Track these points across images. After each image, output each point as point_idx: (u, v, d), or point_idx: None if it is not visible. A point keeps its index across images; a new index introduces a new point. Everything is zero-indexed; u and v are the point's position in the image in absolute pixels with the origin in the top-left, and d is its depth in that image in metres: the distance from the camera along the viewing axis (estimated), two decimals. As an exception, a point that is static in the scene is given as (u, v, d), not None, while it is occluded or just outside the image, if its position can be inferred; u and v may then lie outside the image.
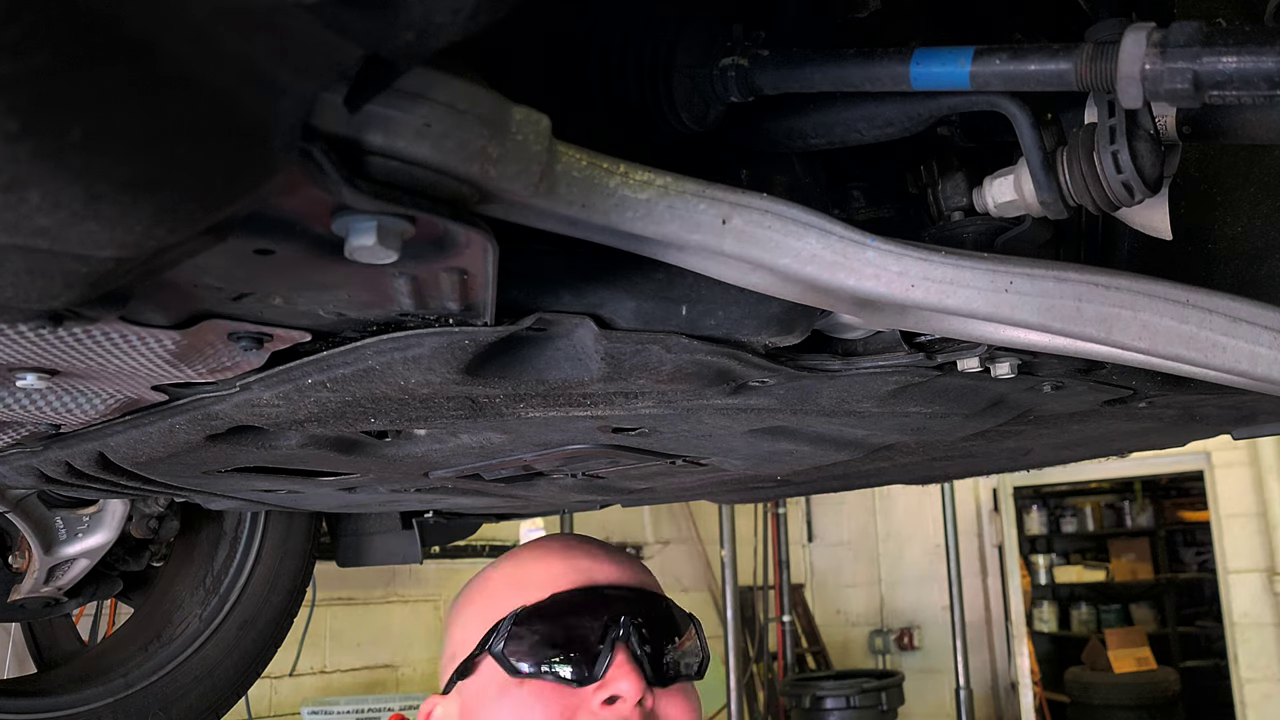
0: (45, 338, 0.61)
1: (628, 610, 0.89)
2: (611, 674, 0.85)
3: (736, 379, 0.83)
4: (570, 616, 0.88)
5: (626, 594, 0.91)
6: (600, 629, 0.87)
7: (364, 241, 0.49)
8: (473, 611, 0.94)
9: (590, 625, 0.87)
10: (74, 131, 0.33)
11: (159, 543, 1.84)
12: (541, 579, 0.91)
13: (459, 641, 0.93)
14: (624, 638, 0.87)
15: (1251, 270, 0.88)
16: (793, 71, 0.62)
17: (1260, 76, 0.52)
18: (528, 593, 0.90)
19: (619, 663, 0.86)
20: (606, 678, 0.85)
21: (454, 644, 0.94)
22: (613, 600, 0.89)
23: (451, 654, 0.94)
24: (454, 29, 0.42)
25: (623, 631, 0.87)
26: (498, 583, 0.94)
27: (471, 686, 0.90)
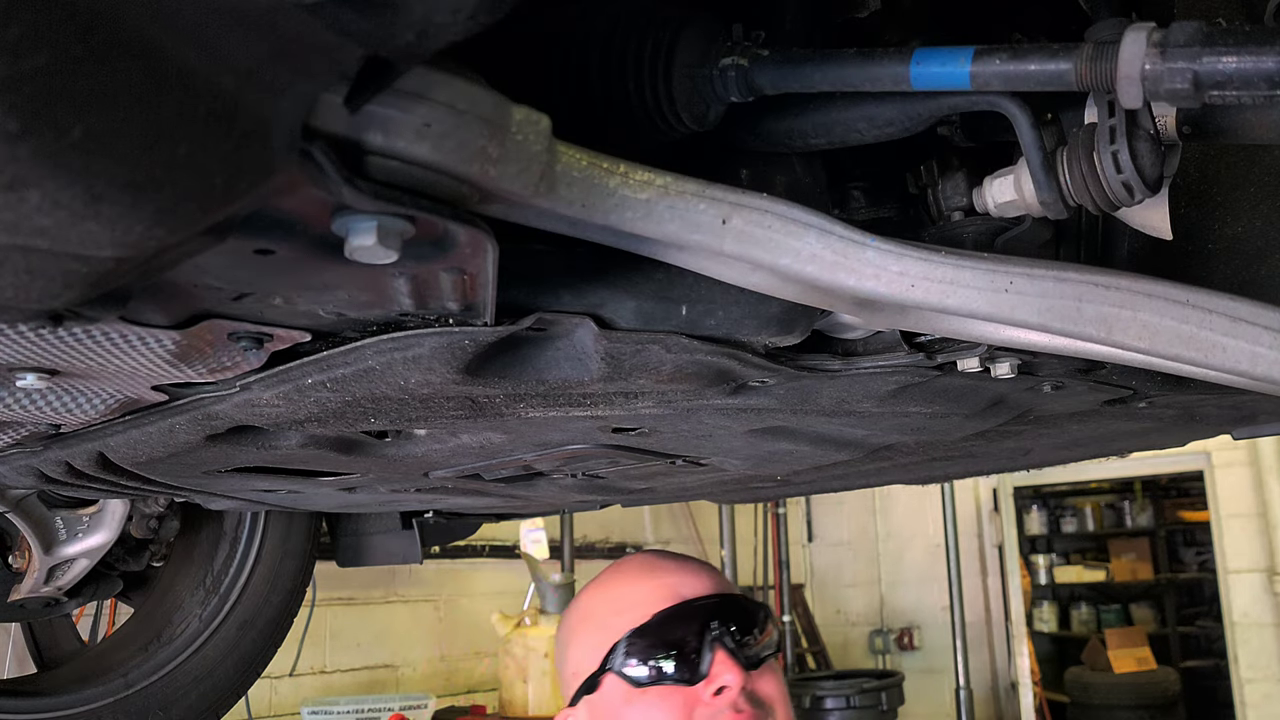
0: (45, 338, 0.61)
1: (717, 614, 1.07)
2: (715, 669, 1.04)
3: (736, 379, 0.83)
4: (673, 629, 1.06)
5: (712, 600, 1.09)
6: (699, 635, 1.05)
7: (364, 241, 0.49)
8: (584, 637, 1.12)
9: (690, 633, 1.06)
10: (74, 131, 0.33)
11: (159, 543, 1.84)
12: (641, 600, 1.09)
13: (578, 661, 1.12)
14: (719, 638, 1.05)
15: (1251, 270, 0.88)
16: (793, 71, 0.62)
17: (1260, 76, 0.52)
18: (633, 615, 1.08)
19: (720, 659, 1.04)
20: (712, 673, 1.04)
21: (574, 664, 1.13)
22: (703, 608, 1.07)
23: (574, 672, 1.12)
24: (454, 29, 0.42)
25: (717, 633, 1.05)
26: (602, 608, 1.13)
27: (598, 700, 1.09)
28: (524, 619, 3.71)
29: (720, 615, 1.07)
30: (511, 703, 3.67)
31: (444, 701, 4.16)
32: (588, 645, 1.10)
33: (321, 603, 3.70)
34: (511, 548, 4.55)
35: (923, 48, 0.60)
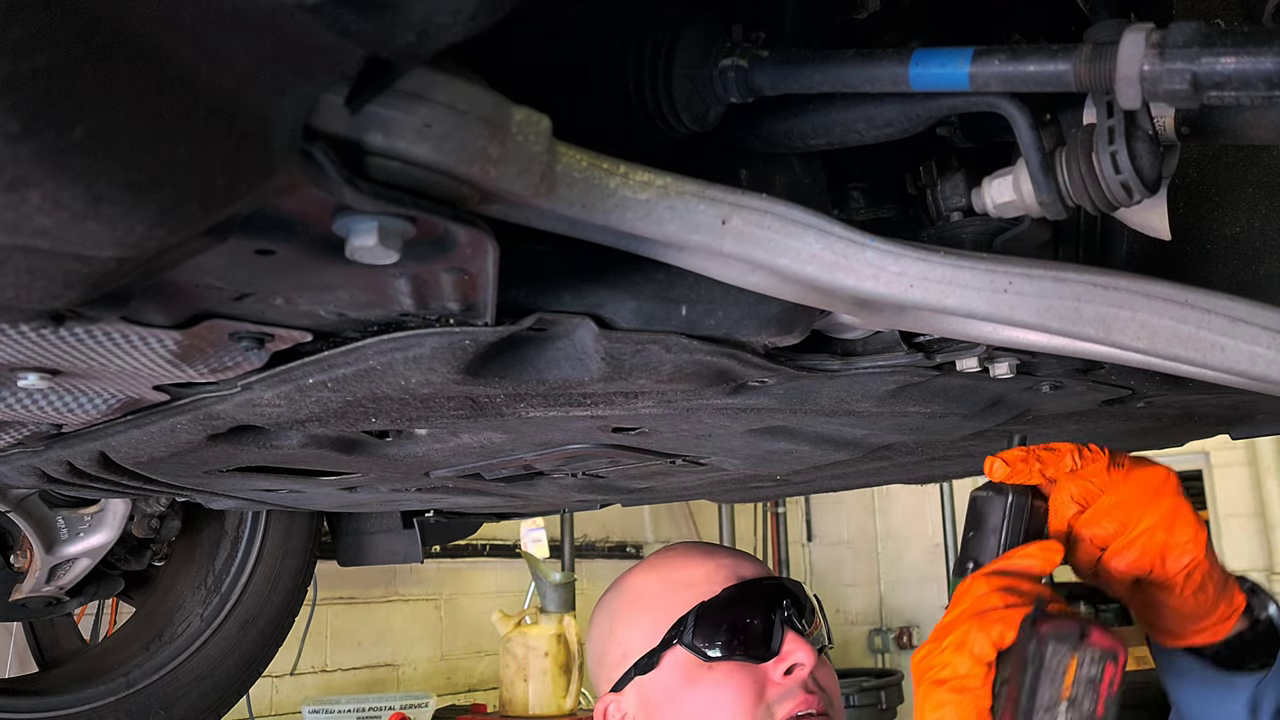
0: (47, 338, 0.61)
1: (783, 596, 1.05)
2: (787, 648, 1.01)
3: (736, 379, 0.83)
4: (743, 605, 1.03)
5: (774, 583, 1.07)
6: (767, 613, 1.03)
7: (365, 242, 0.49)
8: (641, 613, 1.07)
9: (760, 611, 1.03)
10: (75, 132, 0.33)
11: (160, 542, 1.84)
12: (706, 578, 1.06)
13: (629, 641, 1.06)
14: (788, 619, 1.03)
15: (1250, 270, 0.88)
16: (792, 72, 0.62)
17: (1258, 77, 0.52)
18: (700, 590, 1.04)
19: (790, 638, 1.02)
20: (783, 652, 1.01)
21: (623, 644, 1.07)
22: (770, 588, 1.05)
23: (622, 653, 1.06)
24: (454, 30, 0.42)
25: (787, 613, 1.03)
26: (658, 587, 1.08)
27: (654, 680, 1.04)
28: (524, 618, 3.71)
29: (786, 596, 1.05)
30: (512, 702, 3.67)
31: (444, 700, 4.16)
32: (644, 624, 1.05)
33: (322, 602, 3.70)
34: (512, 547, 4.56)
35: (922, 49, 0.60)
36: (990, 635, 0.72)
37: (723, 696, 0.99)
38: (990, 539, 0.82)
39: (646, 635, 1.04)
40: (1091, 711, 0.72)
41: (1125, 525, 0.79)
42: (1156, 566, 0.79)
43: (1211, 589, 0.81)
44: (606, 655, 1.10)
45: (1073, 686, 0.71)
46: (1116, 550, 0.80)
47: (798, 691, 0.99)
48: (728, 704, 0.98)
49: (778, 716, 0.99)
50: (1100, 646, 0.72)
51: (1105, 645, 0.72)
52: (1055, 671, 0.71)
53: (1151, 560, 0.79)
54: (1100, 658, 0.72)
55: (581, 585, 4.59)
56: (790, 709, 0.99)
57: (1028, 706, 0.71)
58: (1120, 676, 0.73)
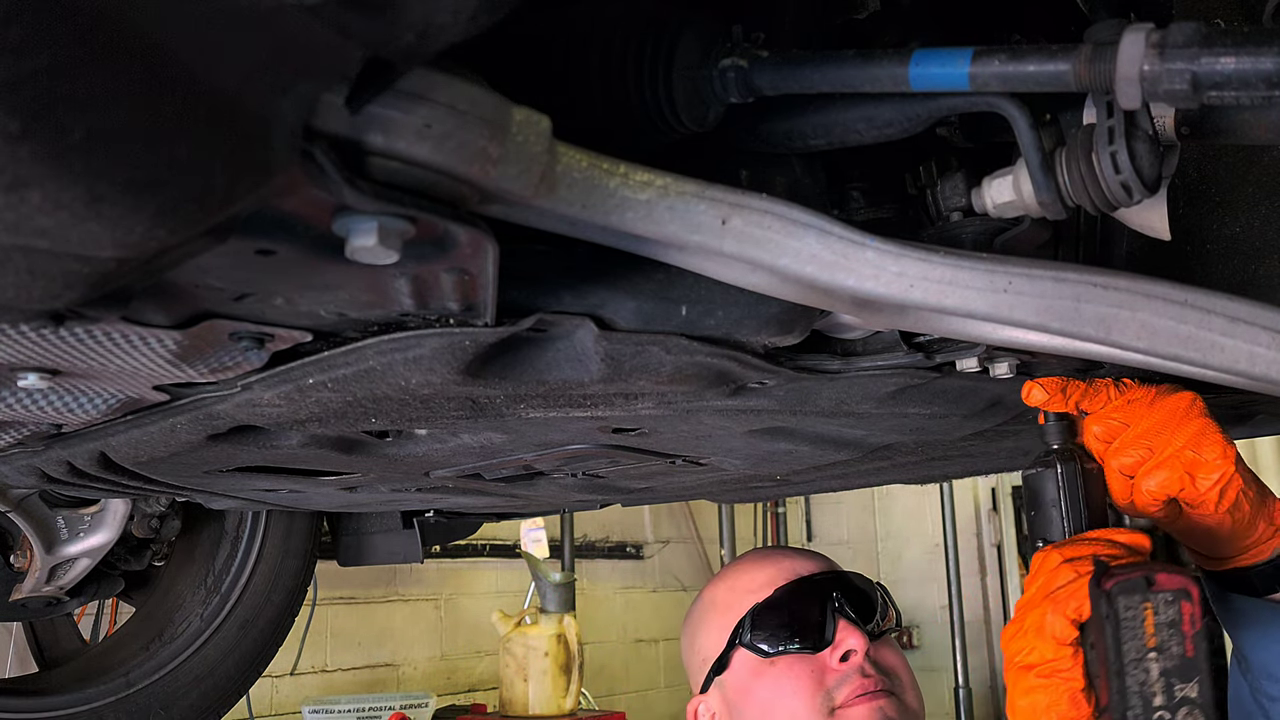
0: (47, 338, 0.61)
1: (835, 588, 1.12)
2: (840, 636, 1.09)
3: (736, 380, 0.83)
4: (795, 602, 1.12)
5: (829, 576, 1.15)
6: (820, 606, 1.11)
7: (365, 242, 0.49)
8: (712, 620, 1.17)
9: (812, 605, 1.11)
10: (75, 132, 0.33)
11: (160, 542, 1.84)
12: (763, 581, 1.15)
13: (706, 646, 1.17)
14: (840, 609, 1.11)
15: (1250, 270, 0.88)
16: (792, 72, 0.62)
17: (1258, 77, 0.52)
18: (757, 594, 1.14)
19: (843, 627, 1.09)
20: (837, 640, 1.09)
21: (702, 650, 1.18)
22: (821, 583, 1.13)
23: (703, 659, 1.17)
24: (454, 30, 0.42)
25: (838, 604, 1.11)
26: (725, 594, 1.18)
27: (729, 678, 1.14)
28: (524, 618, 3.71)
29: (839, 589, 1.12)
30: (512, 701, 3.67)
31: (444, 700, 4.16)
32: (715, 629, 1.16)
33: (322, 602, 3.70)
34: (512, 547, 4.56)
35: (922, 49, 0.60)
36: (1066, 612, 0.72)
37: (785, 688, 1.08)
38: (1052, 513, 0.84)
39: (717, 639, 1.15)
40: (1181, 653, 0.70)
41: (1152, 450, 0.81)
42: (1187, 485, 0.80)
43: (1247, 506, 0.82)
44: (692, 661, 1.22)
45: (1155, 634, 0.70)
46: (1145, 472, 0.81)
47: (854, 676, 1.06)
48: (790, 694, 1.08)
49: (838, 700, 1.06)
50: (1170, 588, 0.70)
51: (1175, 585, 0.71)
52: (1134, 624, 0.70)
53: (1181, 479, 0.80)
54: (1174, 599, 0.70)
55: (581, 585, 4.60)
56: (849, 692, 1.06)
57: (1117, 666, 0.70)
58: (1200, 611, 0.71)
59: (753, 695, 1.10)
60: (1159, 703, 0.70)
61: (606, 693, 4.93)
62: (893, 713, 1.06)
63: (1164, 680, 0.71)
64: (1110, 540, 0.79)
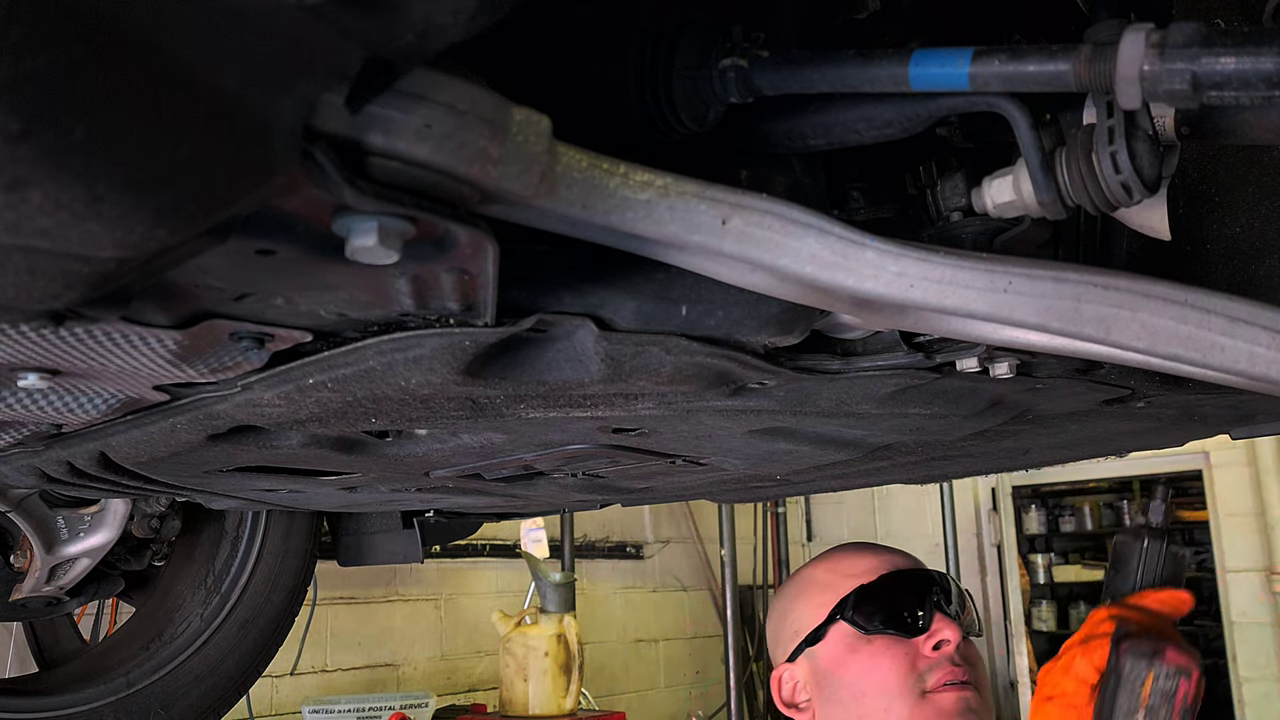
0: (47, 338, 0.61)
1: (933, 584, 1.22)
2: (936, 626, 1.18)
3: (736, 381, 0.83)
4: (897, 589, 1.21)
5: (927, 572, 1.25)
6: (920, 596, 1.20)
7: (365, 242, 0.49)
8: (810, 596, 1.26)
9: (913, 594, 1.20)
10: (76, 132, 0.33)
11: (160, 542, 1.84)
12: (867, 567, 1.24)
13: (801, 619, 1.25)
14: (938, 602, 1.20)
15: (1250, 270, 0.88)
16: (792, 72, 0.62)
17: (1258, 77, 0.52)
18: (860, 577, 1.23)
19: (939, 618, 1.18)
20: (933, 629, 1.18)
21: (796, 621, 1.26)
22: (921, 577, 1.23)
23: (795, 630, 1.26)
24: (454, 30, 0.42)
25: (937, 597, 1.20)
26: (825, 574, 1.27)
27: (823, 650, 1.22)
28: (524, 618, 3.71)
29: (939, 584, 1.22)
30: (512, 701, 3.67)
31: (444, 700, 4.16)
32: (813, 604, 1.24)
33: (322, 602, 3.70)
34: (512, 547, 4.56)
35: (922, 49, 0.60)
36: (1092, 660, 0.87)
37: (880, 664, 1.16)
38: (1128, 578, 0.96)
39: (815, 613, 1.23)
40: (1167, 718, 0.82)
41: None
42: None
43: None
44: (781, 633, 1.29)
45: (1150, 697, 0.83)
46: None
47: (945, 664, 1.15)
48: (884, 670, 1.16)
49: (928, 684, 1.15)
50: (1175, 663, 0.83)
51: (1180, 662, 0.83)
52: (1134, 683, 0.83)
53: None
54: (1175, 673, 0.83)
55: (581, 585, 4.60)
56: (940, 678, 1.15)
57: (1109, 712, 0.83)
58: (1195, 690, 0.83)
59: (847, 667, 1.18)
60: None
61: (606, 693, 4.93)
62: (975, 704, 1.15)
63: None
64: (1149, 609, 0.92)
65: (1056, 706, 0.89)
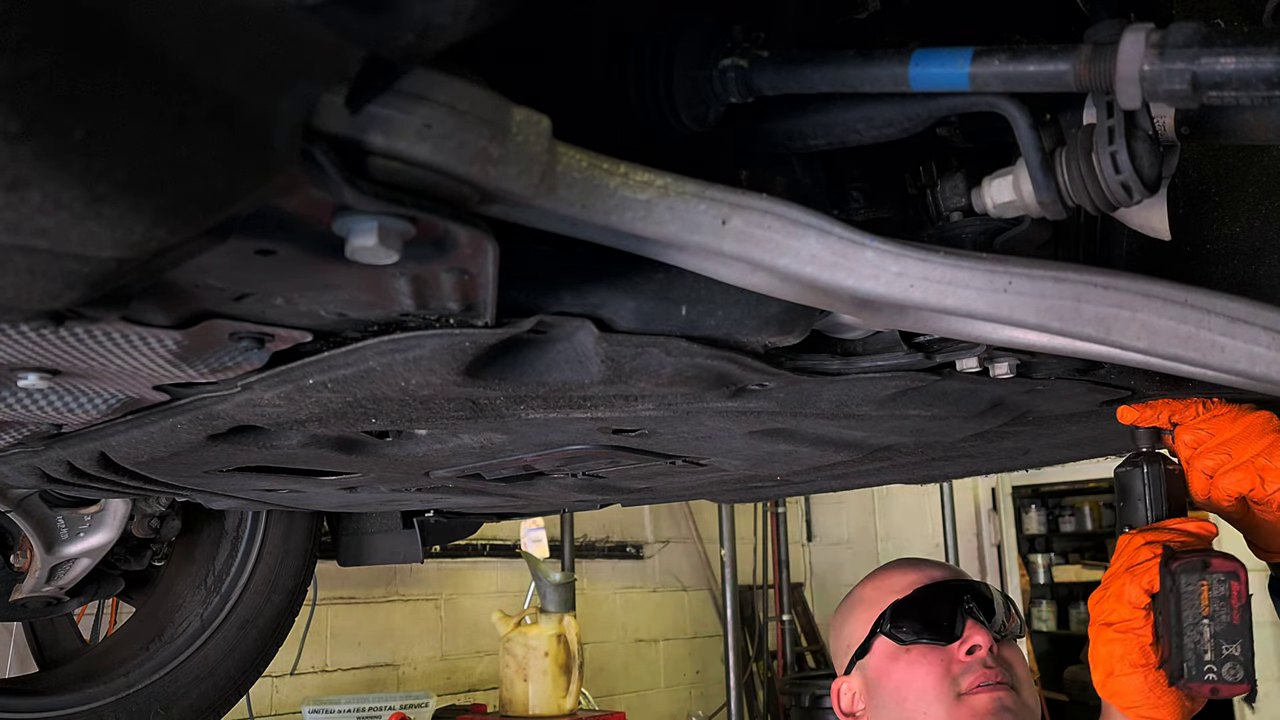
0: (47, 338, 0.61)
1: (967, 592, 1.30)
2: (968, 633, 1.26)
3: (736, 382, 0.83)
4: (931, 601, 1.30)
5: (961, 582, 1.32)
6: (952, 605, 1.28)
7: (365, 242, 0.49)
8: (859, 614, 1.36)
9: (945, 604, 1.28)
10: (76, 132, 0.33)
11: (160, 542, 1.84)
12: (904, 583, 1.33)
13: (852, 633, 1.35)
14: (969, 610, 1.27)
15: (1250, 270, 0.88)
16: (792, 72, 0.62)
17: (1258, 77, 0.52)
18: (899, 592, 1.32)
19: (970, 625, 1.26)
20: (965, 636, 1.26)
21: (848, 637, 1.36)
22: (954, 587, 1.31)
23: (848, 645, 1.36)
24: (454, 30, 0.42)
25: (968, 605, 1.28)
26: (871, 592, 1.37)
27: (870, 662, 1.32)
28: (524, 618, 3.71)
29: (969, 593, 1.29)
30: (512, 701, 3.67)
31: (444, 700, 4.16)
32: (860, 620, 1.34)
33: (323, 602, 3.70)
34: (512, 547, 4.56)
35: (922, 49, 0.60)
36: (1141, 584, 0.94)
37: (918, 671, 1.25)
38: (1138, 504, 1.03)
39: (862, 629, 1.33)
40: (1229, 620, 0.92)
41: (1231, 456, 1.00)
42: (1257, 487, 0.99)
43: None
44: (838, 649, 1.41)
45: (1209, 604, 0.91)
46: (1223, 474, 1.01)
47: (977, 667, 1.23)
48: (921, 677, 1.25)
49: (963, 686, 1.23)
50: (1223, 570, 0.92)
51: (1227, 568, 0.92)
52: (1192, 596, 0.91)
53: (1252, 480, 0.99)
54: (1225, 578, 0.92)
55: (581, 585, 4.60)
56: (973, 680, 1.23)
57: (1177, 627, 0.91)
58: (1245, 589, 0.93)
59: (890, 676, 1.28)
60: (1209, 658, 0.92)
61: (606, 693, 4.93)
62: (1010, 703, 1.22)
63: (1214, 641, 0.92)
64: (1183, 529, 0.98)
65: (1116, 632, 0.96)
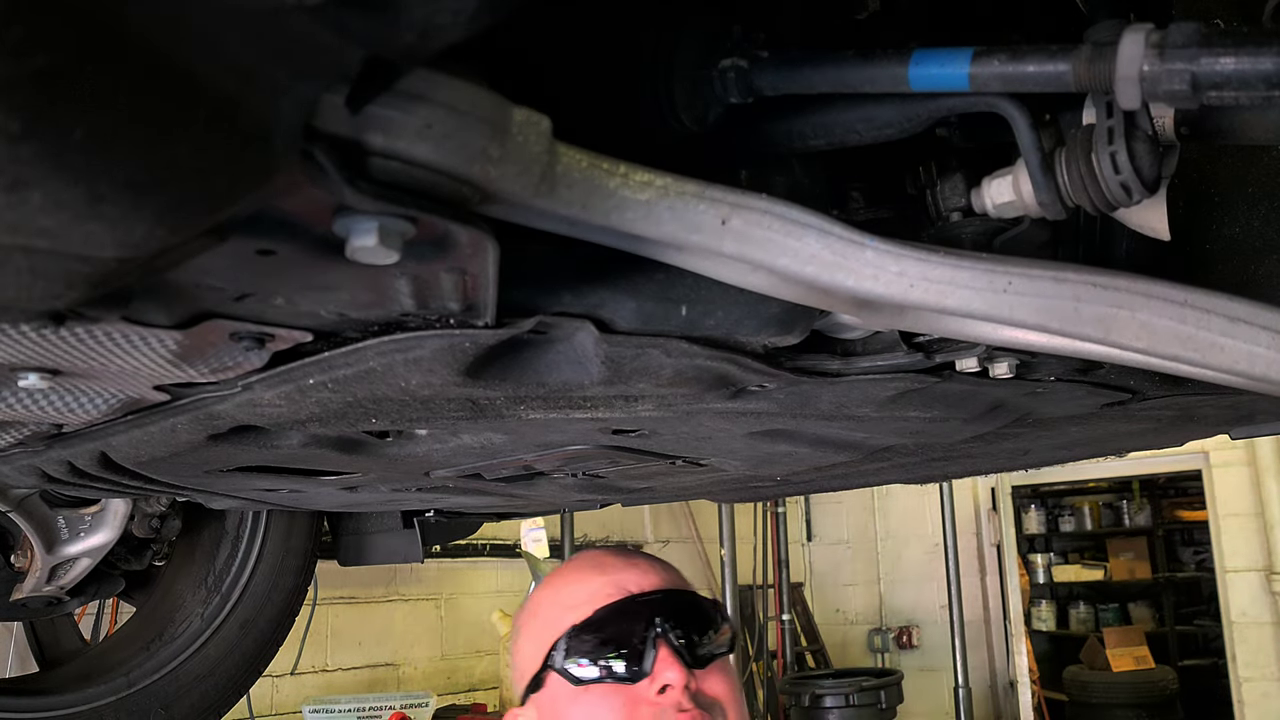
0: (47, 338, 0.61)
1: (661, 610, 1.02)
2: (658, 667, 0.99)
3: (736, 383, 0.83)
4: (614, 625, 1.02)
5: (658, 596, 1.04)
6: (642, 631, 1.01)
7: (365, 242, 0.49)
8: (532, 632, 1.07)
9: (633, 629, 1.01)
10: (76, 132, 0.33)
11: (161, 542, 1.84)
12: (585, 597, 1.04)
13: (525, 659, 1.07)
14: (663, 634, 1.01)
15: (1249, 270, 0.88)
16: (792, 73, 0.62)
17: (1258, 77, 0.52)
18: (576, 611, 1.03)
19: (663, 656, 0.99)
20: (655, 671, 0.99)
21: (521, 662, 1.09)
22: (647, 604, 1.03)
23: (521, 672, 1.08)
24: (455, 30, 0.42)
25: (660, 630, 1.01)
26: (548, 604, 1.08)
27: (544, 697, 1.05)
28: (524, 618, 3.71)
29: (665, 611, 1.02)
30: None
31: (445, 700, 4.16)
32: (533, 643, 1.06)
33: (323, 601, 3.70)
34: (512, 546, 4.55)
35: (921, 49, 0.60)
36: None
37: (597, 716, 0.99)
38: None
39: (533, 657, 1.05)
40: None
41: None
42: None
43: None
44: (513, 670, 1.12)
45: None
46: None
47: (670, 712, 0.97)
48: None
49: None
50: None
51: None
52: None
53: None
54: None
55: (581, 585, 4.59)
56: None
57: None
58: None
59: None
60: None
61: (606, 692, 4.92)
62: None
63: None
64: None
65: None
